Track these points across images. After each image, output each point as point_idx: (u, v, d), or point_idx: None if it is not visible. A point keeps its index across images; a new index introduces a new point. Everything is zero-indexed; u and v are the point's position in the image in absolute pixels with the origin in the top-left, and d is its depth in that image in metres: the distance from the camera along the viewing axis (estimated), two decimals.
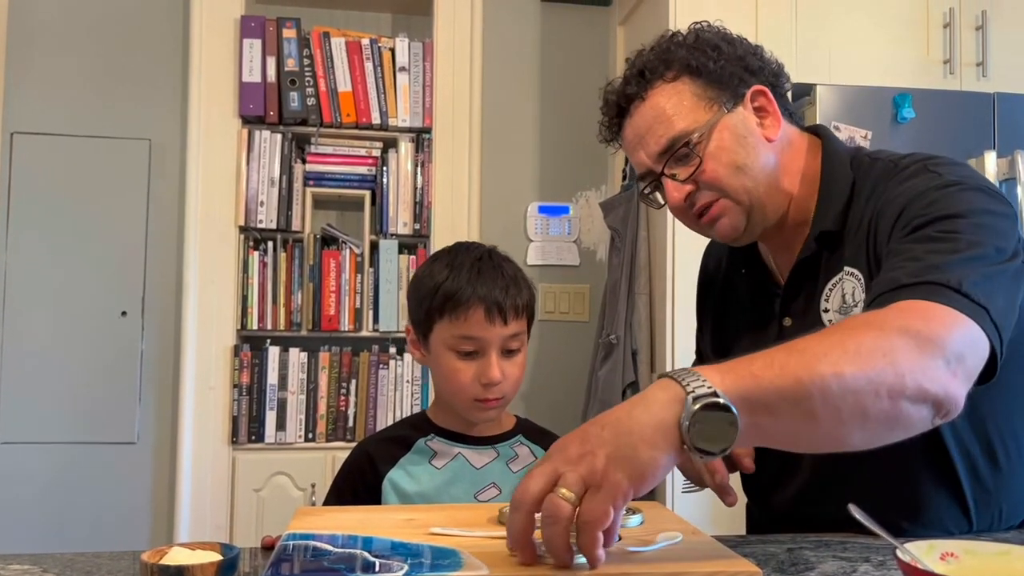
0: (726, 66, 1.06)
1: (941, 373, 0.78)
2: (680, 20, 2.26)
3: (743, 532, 1.24)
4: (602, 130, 1.15)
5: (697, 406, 0.70)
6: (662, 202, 1.11)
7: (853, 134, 2.19)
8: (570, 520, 0.69)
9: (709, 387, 0.71)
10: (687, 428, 0.70)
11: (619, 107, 1.11)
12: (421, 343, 1.18)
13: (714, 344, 1.24)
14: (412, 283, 1.20)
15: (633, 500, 0.71)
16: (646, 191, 1.13)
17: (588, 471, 0.69)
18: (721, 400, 0.70)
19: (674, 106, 1.05)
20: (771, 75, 1.10)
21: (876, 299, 0.88)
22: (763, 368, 0.74)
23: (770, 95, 1.08)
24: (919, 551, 0.74)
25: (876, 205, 1.01)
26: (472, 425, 1.18)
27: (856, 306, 1.01)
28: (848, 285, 1.03)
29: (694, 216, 1.09)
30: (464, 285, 1.11)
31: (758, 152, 1.06)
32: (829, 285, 1.05)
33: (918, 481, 1.02)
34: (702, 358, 1.29)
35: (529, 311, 1.17)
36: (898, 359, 0.76)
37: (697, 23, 1.12)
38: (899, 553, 0.71)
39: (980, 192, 0.96)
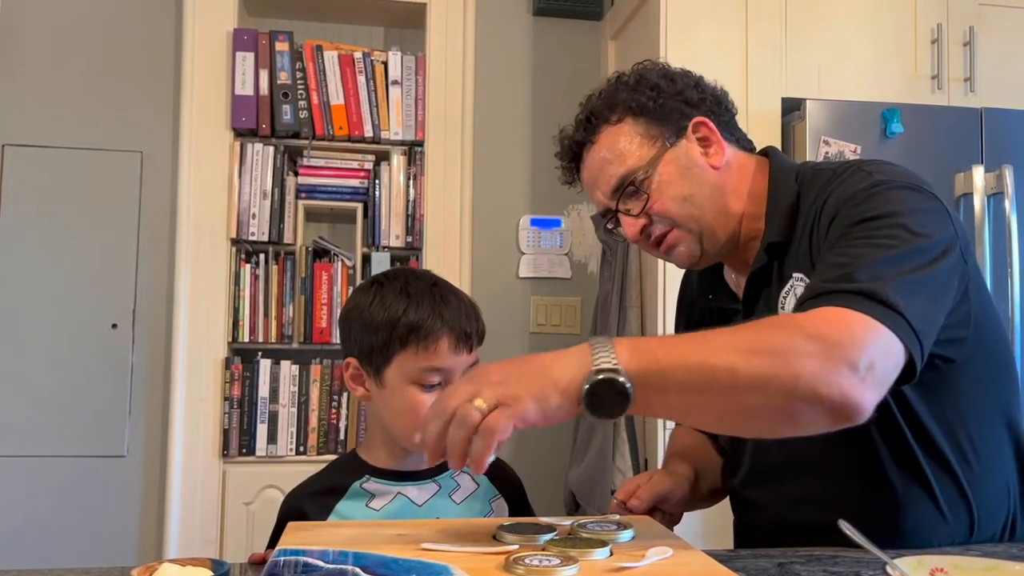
0: (666, 103, 1.13)
1: (843, 379, 0.81)
2: (671, 35, 2.28)
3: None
4: (562, 173, 1.22)
5: (597, 377, 0.80)
6: (624, 236, 1.17)
7: (842, 148, 2.20)
8: (475, 427, 0.79)
9: (614, 363, 0.81)
10: (584, 393, 0.81)
11: (572, 152, 1.19)
12: (371, 377, 1.10)
13: None
14: (355, 314, 1.11)
15: (624, 515, 0.72)
16: (609, 227, 1.19)
17: (504, 394, 0.81)
18: (619, 378, 0.80)
19: (621, 146, 1.13)
20: (712, 104, 1.16)
21: (799, 306, 0.92)
22: (667, 352, 0.83)
23: (711, 125, 1.14)
24: (909, 566, 0.74)
25: (816, 209, 1.06)
26: (411, 461, 1.12)
27: None
28: (799, 290, 1.07)
29: (652, 246, 1.16)
30: (431, 314, 1.06)
31: (703, 181, 1.12)
32: (783, 293, 1.09)
33: (890, 486, 1.03)
34: None
35: (484, 338, 1.13)
36: (796, 361, 0.81)
37: (640, 64, 1.20)
38: (889, 569, 0.72)
39: (906, 190, 0.99)
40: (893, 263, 0.90)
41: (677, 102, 1.13)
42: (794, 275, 1.07)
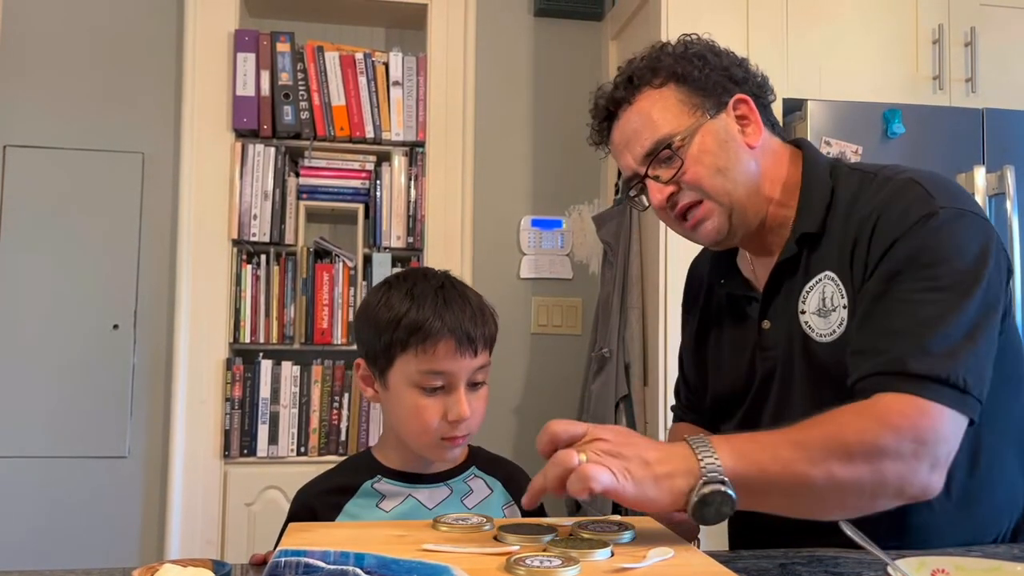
0: (711, 75, 1.11)
1: (923, 476, 0.90)
2: (672, 35, 2.25)
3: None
4: (592, 134, 1.19)
5: (707, 489, 0.83)
6: (647, 204, 1.14)
7: (844, 149, 2.20)
8: (569, 471, 0.82)
9: (720, 473, 0.84)
10: (694, 503, 0.83)
11: (608, 111, 1.16)
12: (376, 379, 1.10)
13: (695, 354, 1.28)
14: (364, 314, 1.11)
15: (627, 516, 0.72)
16: (632, 193, 1.16)
17: (616, 466, 0.82)
18: (727, 490, 0.83)
19: (660, 111, 1.10)
20: (755, 86, 1.14)
21: (866, 379, 0.94)
22: (768, 461, 0.87)
23: (752, 104, 1.12)
24: (910, 567, 0.74)
25: (863, 212, 1.04)
26: (424, 463, 1.11)
27: (834, 310, 1.04)
28: (828, 289, 1.06)
29: (676, 218, 1.12)
30: (431, 316, 1.03)
31: (739, 156, 1.09)
32: (807, 287, 1.08)
33: None
34: (683, 368, 1.34)
35: (494, 340, 1.10)
36: (885, 466, 0.88)
37: (687, 35, 1.17)
38: (891, 570, 0.72)
39: (961, 220, 0.98)
40: (958, 329, 0.92)
41: (721, 76, 1.11)
42: (824, 272, 1.06)
